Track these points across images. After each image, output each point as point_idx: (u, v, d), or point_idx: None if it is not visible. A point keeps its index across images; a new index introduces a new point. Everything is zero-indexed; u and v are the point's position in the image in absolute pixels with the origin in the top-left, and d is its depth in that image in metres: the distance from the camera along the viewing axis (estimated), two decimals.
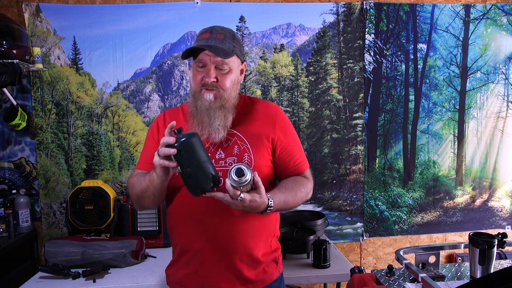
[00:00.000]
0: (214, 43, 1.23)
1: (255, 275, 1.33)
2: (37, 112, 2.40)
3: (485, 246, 1.39)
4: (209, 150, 1.29)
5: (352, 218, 2.71)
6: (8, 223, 2.21)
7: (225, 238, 1.28)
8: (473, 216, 2.83)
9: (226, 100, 1.28)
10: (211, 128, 1.26)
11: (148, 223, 2.26)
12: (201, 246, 1.30)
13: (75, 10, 2.38)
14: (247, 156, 1.30)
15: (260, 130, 1.34)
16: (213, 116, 1.26)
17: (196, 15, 2.47)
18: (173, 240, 1.41)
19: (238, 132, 1.32)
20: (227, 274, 1.30)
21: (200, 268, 1.31)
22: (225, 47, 1.24)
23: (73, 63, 2.42)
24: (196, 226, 1.30)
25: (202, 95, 1.26)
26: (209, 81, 1.25)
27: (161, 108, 2.56)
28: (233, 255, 1.30)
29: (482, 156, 2.81)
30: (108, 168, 2.50)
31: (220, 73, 1.26)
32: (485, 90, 2.77)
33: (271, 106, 1.42)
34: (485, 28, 2.71)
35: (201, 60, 1.26)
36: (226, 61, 1.25)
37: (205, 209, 1.27)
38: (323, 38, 2.60)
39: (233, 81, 1.30)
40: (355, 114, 2.67)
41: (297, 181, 1.36)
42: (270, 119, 1.37)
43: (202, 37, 1.28)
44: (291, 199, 1.28)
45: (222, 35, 1.26)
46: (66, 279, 1.82)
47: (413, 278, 1.49)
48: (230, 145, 1.30)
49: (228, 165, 1.28)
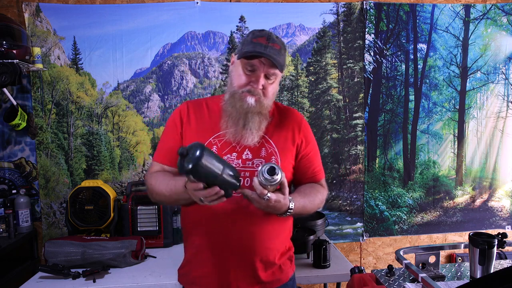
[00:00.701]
0: (273, 54, 1.22)
1: (272, 275, 1.34)
2: (37, 112, 2.40)
3: (485, 246, 1.39)
4: (235, 150, 1.30)
5: (352, 218, 2.71)
6: (8, 223, 2.21)
7: (245, 239, 1.28)
8: (473, 216, 2.83)
9: (264, 107, 1.29)
10: (245, 131, 1.27)
11: (148, 223, 2.26)
12: (220, 246, 1.29)
13: (75, 10, 2.38)
14: (274, 159, 1.31)
15: (286, 134, 1.37)
16: (250, 119, 1.27)
17: (196, 15, 2.47)
18: (188, 239, 1.39)
19: (265, 134, 1.34)
20: (246, 275, 1.30)
21: (218, 268, 1.30)
22: (281, 60, 1.24)
23: (73, 63, 2.42)
24: (216, 226, 1.28)
25: (244, 98, 1.26)
26: (256, 88, 1.26)
27: (161, 108, 2.56)
28: (253, 256, 1.29)
29: (482, 156, 2.81)
30: (108, 168, 2.50)
31: (266, 82, 1.27)
32: (485, 90, 2.77)
33: (296, 112, 1.46)
34: (485, 28, 2.71)
35: (252, 65, 1.25)
36: (276, 73, 1.27)
37: (225, 210, 1.25)
38: (323, 38, 2.60)
39: (274, 91, 1.32)
40: (355, 114, 2.67)
41: (314, 188, 1.39)
42: (296, 125, 1.40)
43: (259, 42, 1.24)
44: (309, 204, 1.31)
45: (278, 46, 1.25)
46: (66, 279, 1.82)
47: (413, 278, 1.49)
48: (258, 147, 1.31)
49: (255, 166, 1.29)
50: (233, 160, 1.29)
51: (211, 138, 1.31)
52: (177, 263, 2.00)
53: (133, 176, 2.53)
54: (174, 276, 1.84)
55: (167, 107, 2.56)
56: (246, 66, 1.26)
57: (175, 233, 2.32)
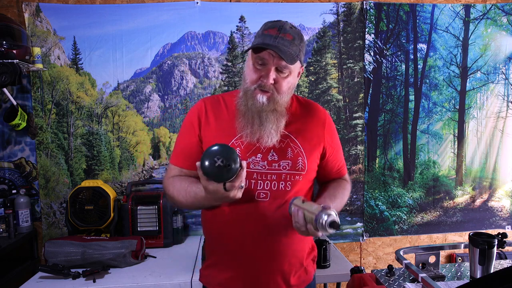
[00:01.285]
0: (282, 45, 1.14)
1: (299, 277, 1.32)
2: (37, 112, 2.40)
3: (485, 246, 1.39)
4: (260, 151, 1.23)
5: (352, 218, 2.71)
6: (8, 223, 2.21)
7: (276, 242, 1.25)
8: (473, 216, 2.83)
9: (279, 104, 1.22)
10: (262, 131, 1.21)
11: (148, 223, 2.26)
12: (251, 249, 1.25)
13: (75, 10, 2.38)
14: (301, 160, 1.26)
15: (312, 133, 1.31)
16: (265, 119, 1.20)
17: (196, 15, 2.47)
18: (215, 242, 1.33)
19: (290, 134, 1.27)
20: (275, 278, 1.27)
21: (248, 271, 1.26)
22: (292, 51, 1.16)
23: (73, 63, 2.42)
24: (247, 230, 1.24)
25: (255, 95, 1.20)
26: (267, 83, 1.18)
27: (161, 108, 2.56)
28: (283, 259, 1.27)
29: (482, 156, 2.81)
30: (108, 168, 2.50)
31: (279, 75, 1.19)
32: (485, 90, 2.77)
33: (319, 108, 1.39)
34: (485, 28, 2.71)
35: (262, 58, 1.17)
36: (288, 66, 1.18)
37: (256, 213, 1.23)
38: (323, 38, 2.60)
39: (290, 85, 1.23)
40: (355, 114, 2.67)
41: (340, 186, 1.38)
42: (321, 122, 1.34)
43: (269, 33, 1.17)
44: (339, 206, 1.31)
45: (291, 36, 1.17)
46: (66, 279, 1.82)
47: (413, 278, 1.49)
48: (283, 147, 1.25)
49: (282, 168, 1.24)
50: (258, 162, 1.23)
51: (233, 139, 1.25)
52: (177, 263, 2.01)
53: (133, 176, 2.53)
54: (174, 276, 1.85)
55: (167, 107, 2.56)
56: (257, 60, 1.19)
57: (175, 233, 2.32)
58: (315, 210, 1.06)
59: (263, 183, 1.23)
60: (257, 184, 1.23)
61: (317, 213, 1.04)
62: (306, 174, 1.27)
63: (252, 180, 1.22)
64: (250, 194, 1.22)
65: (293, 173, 1.25)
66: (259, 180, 1.23)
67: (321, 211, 1.04)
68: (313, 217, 1.05)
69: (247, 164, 1.20)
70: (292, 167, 1.25)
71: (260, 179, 1.23)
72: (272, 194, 1.23)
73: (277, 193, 1.23)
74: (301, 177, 1.26)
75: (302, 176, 1.27)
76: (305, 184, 1.30)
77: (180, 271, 1.91)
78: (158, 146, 2.55)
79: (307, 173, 1.28)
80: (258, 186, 1.23)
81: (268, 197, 1.23)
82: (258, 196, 1.23)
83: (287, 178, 1.24)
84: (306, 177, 1.28)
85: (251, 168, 1.22)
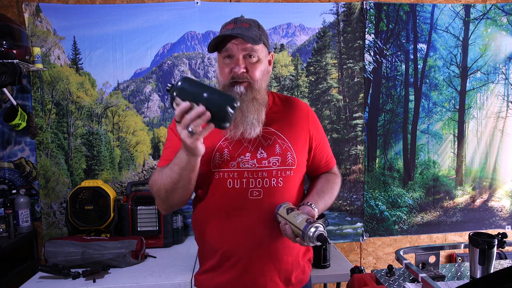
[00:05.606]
0: (240, 31, 1.18)
1: (296, 277, 1.33)
2: (37, 112, 2.40)
3: (485, 246, 1.39)
4: (248, 150, 1.24)
5: (352, 218, 2.71)
6: (8, 223, 2.21)
7: (273, 242, 1.25)
8: (473, 216, 2.83)
9: (257, 92, 1.23)
10: (245, 123, 1.21)
11: (148, 223, 2.26)
12: (248, 251, 1.24)
13: (75, 10, 2.38)
14: (290, 155, 1.27)
15: (297, 128, 1.32)
16: (246, 109, 1.21)
17: (196, 15, 2.47)
18: (210, 246, 1.30)
19: (276, 130, 1.28)
20: (273, 278, 1.27)
21: (246, 272, 1.25)
22: (252, 34, 1.18)
23: (73, 63, 2.42)
24: (243, 232, 1.23)
25: (232, 89, 1.21)
26: (238, 72, 1.19)
27: (161, 108, 2.56)
28: (280, 259, 1.27)
29: (482, 156, 2.81)
30: (108, 168, 2.50)
31: (249, 62, 1.21)
32: (485, 90, 2.77)
33: (301, 102, 1.40)
34: (485, 28, 2.71)
35: (228, 49, 1.20)
36: (255, 48, 1.20)
37: (251, 211, 1.23)
38: (323, 38, 2.60)
39: (263, 71, 1.24)
40: (355, 114, 2.67)
41: (329, 181, 1.39)
42: (304, 116, 1.35)
43: (227, 29, 1.22)
44: (329, 201, 1.33)
45: (247, 24, 1.21)
46: (66, 279, 1.82)
47: (413, 278, 1.49)
48: (270, 144, 1.26)
49: (272, 165, 1.24)
50: (248, 161, 1.23)
51: (220, 141, 1.25)
52: (177, 263, 2.01)
53: (133, 176, 2.53)
54: (174, 276, 1.85)
55: (167, 107, 2.56)
56: (224, 56, 1.22)
57: (175, 233, 2.32)
58: (300, 225, 1.07)
59: (255, 181, 1.23)
60: (249, 183, 1.23)
61: (302, 228, 1.06)
62: (296, 168, 1.28)
63: (244, 179, 1.22)
64: (243, 192, 1.22)
65: (284, 169, 1.26)
66: (250, 179, 1.23)
67: (306, 225, 1.05)
68: (299, 232, 1.07)
69: (236, 164, 1.22)
70: (282, 163, 1.25)
71: (251, 177, 1.23)
72: (264, 191, 1.23)
73: (269, 190, 1.23)
74: (292, 172, 1.27)
75: (293, 171, 1.27)
76: (297, 179, 1.30)
77: (180, 271, 1.91)
78: (158, 146, 2.55)
79: (298, 167, 1.28)
80: (250, 184, 1.23)
81: (261, 194, 1.23)
82: (251, 194, 1.23)
83: (278, 174, 1.25)
84: (297, 172, 1.29)
85: (241, 167, 1.23)
